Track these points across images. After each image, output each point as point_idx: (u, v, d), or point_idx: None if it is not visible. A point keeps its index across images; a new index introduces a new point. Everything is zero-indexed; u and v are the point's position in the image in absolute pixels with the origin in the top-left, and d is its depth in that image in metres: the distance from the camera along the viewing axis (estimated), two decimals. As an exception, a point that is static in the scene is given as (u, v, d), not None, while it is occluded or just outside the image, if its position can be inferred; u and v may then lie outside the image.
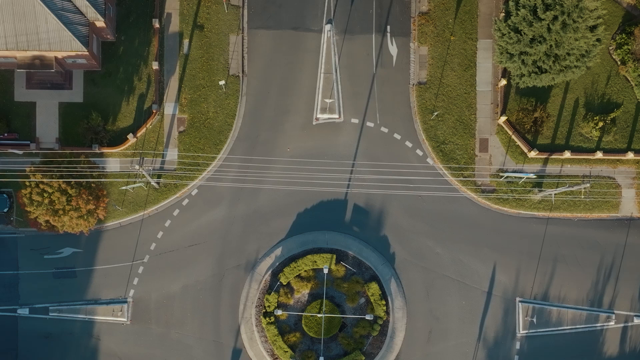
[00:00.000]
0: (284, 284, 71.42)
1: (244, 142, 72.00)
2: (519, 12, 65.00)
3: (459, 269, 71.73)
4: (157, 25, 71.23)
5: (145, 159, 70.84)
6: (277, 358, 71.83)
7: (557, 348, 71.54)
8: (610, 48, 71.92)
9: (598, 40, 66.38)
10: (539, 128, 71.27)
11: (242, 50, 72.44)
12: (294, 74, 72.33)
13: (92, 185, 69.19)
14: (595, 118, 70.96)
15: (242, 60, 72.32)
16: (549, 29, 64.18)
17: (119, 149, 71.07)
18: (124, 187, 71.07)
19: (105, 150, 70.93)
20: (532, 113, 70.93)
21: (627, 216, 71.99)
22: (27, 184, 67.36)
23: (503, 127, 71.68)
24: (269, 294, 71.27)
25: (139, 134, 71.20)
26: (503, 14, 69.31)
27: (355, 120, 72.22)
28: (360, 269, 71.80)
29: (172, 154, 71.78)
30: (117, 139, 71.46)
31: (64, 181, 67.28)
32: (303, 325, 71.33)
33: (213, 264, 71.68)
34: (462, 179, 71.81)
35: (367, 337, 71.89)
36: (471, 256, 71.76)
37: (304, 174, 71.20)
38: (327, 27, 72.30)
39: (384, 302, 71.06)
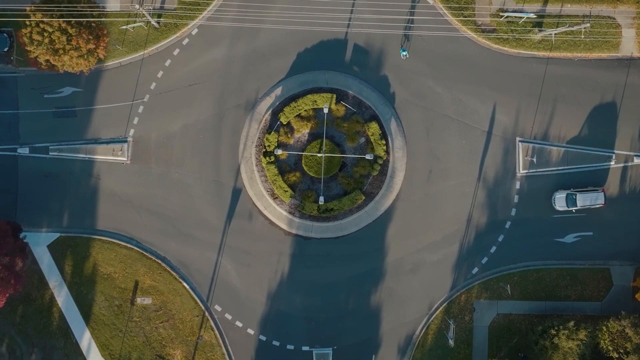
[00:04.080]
0: (284, 123, 71.36)
1: (244, -18, 72.03)
2: None
3: (459, 108, 71.66)
4: None
5: (145, -2, 70.93)
6: (277, 197, 71.81)
7: (557, 188, 71.44)
8: None
9: None
10: (540, -32, 71.26)
11: None
12: None
13: (93, 24, 68.93)
14: (595, -43, 70.92)
15: None
16: None
17: (119, -12, 71.10)
18: (124, 27, 70.90)
19: (106, -11, 70.92)
20: (532, -48, 70.87)
21: (627, 56, 71.87)
22: (28, 23, 67.08)
23: (503, -33, 71.72)
24: (269, 133, 71.21)
25: (139, -26, 71.20)
26: None
27: (355, -40, 72.20)
28: (360, 109, 71.73)
29: (172, -6, 71.76)
30: (117, -21, 71.51)
31: (64, 20, 66.97)
32: (303, 165, 71.30)
33: (213, 103, 71.60)
34: (462, 18, 71.69)
35: (367, 177, 71.87)
36: (471, 96, 71.67)
37: (304, 14, 71.03)
38: None
39: (384, 142, 71.00)
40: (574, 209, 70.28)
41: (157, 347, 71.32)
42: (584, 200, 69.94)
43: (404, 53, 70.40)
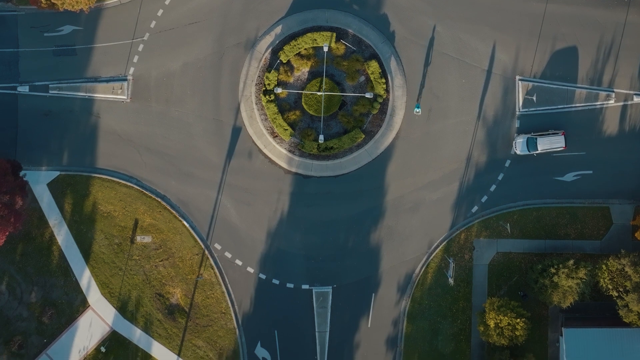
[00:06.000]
0: (284, 62, 71.32)
1: None
2: None
3: (458, 47, 71.63)
4: None
5: (145, -64, 70.89)
6: (276, 136, 71.83)
7: (557, 126, 71.44)
8: None
9: None
10: None
11: None
12: None
13: (92, -38, 69.06)
14: None
15: None
16: None
17: None
18: (124, -35, 71.05)
19: None
20: None
21: (627, -6, 71.92)
22: (27, -39, 67.31)
23: None
24: (269, 71, 71.21)
25: None
26: None
27: None
28: (360, 47, 71.73)
29: None
30: None
31: (63, -42, 67.07)
32: (303, 104, 71.32)
33: (213, 41, 71.58)
34: (462, -43, 71.76)
35: (367, 116, 71.89)
36: (471, 34, 71.64)
37: (304, -48, 71.21)
38: None
39: (383, 81, 71.00)
40: (534, 152, 70.14)
41: (156, 286, 71.40)
42: (544, 143, 69.78)
43: (417, 110, 70.36)
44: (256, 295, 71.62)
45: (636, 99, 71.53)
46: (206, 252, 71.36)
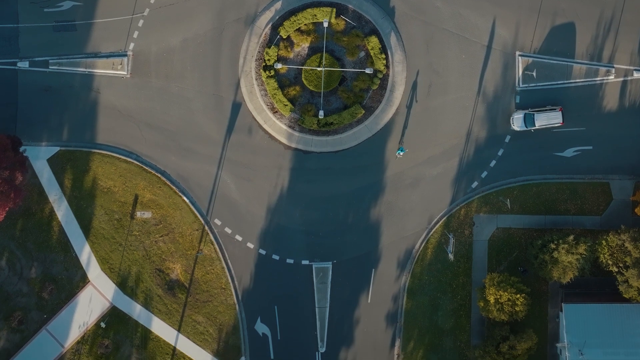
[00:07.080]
0: (284, 37, 71.32)
1: None
2: None
3: (458, 22, 71.61)
4: None
5: None
6: (276, 111, 71.82)
7: (557, 102, 71.48)
8: None
9: None
10: None
11: None
12: None
13: (92, -62, 69.09)
14: None
15: None
16: None
17: None
18: (124, -59, 71.03)
19: None
20: None
21: (627, -30, 71.90)
22: None
23: None
24: (269, 47, 71.19)
25: None
26: None
27: None
28: (360, 23, 71.71)
29: None
30: None
31: None
32: (303, 79, 71.31)
33: (213, 17, 71.56)
34: None
35: (367, 91, 71.89)
36: (471, 10, 71.60)
37: None
38: None
39: (383, 56, 70.98)
40: (532, 128, 70.12)
41: (156, 261, 71.39)
42: (541, 119, 69.80)
43: (400, 153, 70.59)
44: (256, 271, 71.63)
45: (636, 75, 71.54)
46: (206, 227, 71.36)
